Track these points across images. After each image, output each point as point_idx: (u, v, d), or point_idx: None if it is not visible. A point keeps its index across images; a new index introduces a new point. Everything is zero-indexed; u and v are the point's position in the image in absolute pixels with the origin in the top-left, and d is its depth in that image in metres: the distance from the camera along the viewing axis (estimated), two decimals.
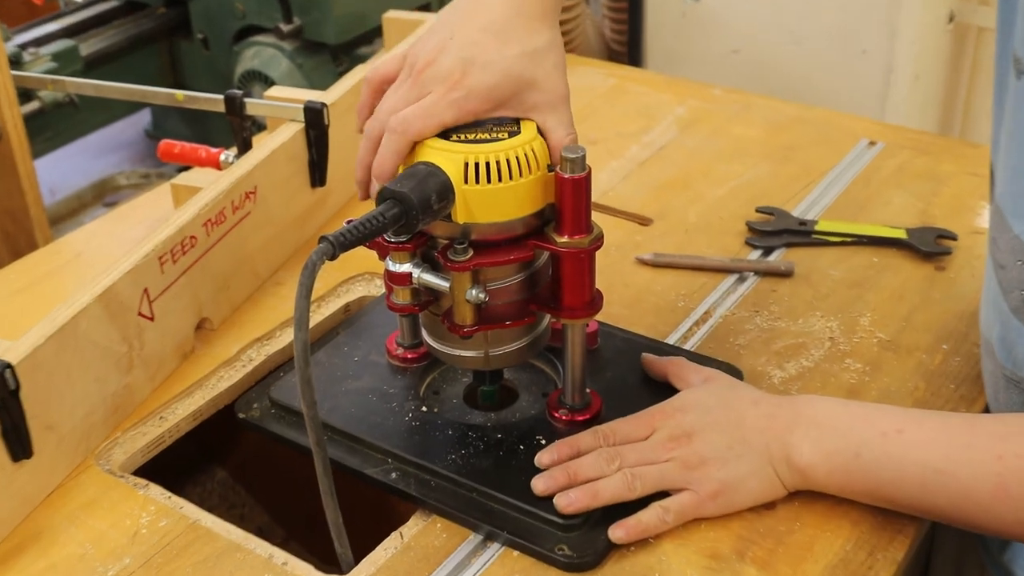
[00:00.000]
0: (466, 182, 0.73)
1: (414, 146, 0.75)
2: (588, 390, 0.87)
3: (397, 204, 0.71)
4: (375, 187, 0.75)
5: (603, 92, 1.45)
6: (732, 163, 1.28)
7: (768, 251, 1.11)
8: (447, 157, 0.73)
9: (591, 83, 1.48)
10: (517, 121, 0.76)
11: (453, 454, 0.84)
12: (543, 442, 0.84)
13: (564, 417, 0.86)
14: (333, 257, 0.68)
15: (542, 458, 0.81)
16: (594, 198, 1.18)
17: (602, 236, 0.77)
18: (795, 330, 0.99)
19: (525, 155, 0.74)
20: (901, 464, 0.74)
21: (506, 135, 0.75)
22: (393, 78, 0.78)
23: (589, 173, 0.75)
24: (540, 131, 0.76)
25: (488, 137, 0.74)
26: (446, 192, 0.72)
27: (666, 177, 1.25)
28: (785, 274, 1.07)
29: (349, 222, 0.70)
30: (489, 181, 0.73)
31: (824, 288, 1.05)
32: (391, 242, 0.77)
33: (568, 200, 0.75)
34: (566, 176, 0.74)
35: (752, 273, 1.07)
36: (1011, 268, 0.78)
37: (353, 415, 0.88)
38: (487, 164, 0.73)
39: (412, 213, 0.71)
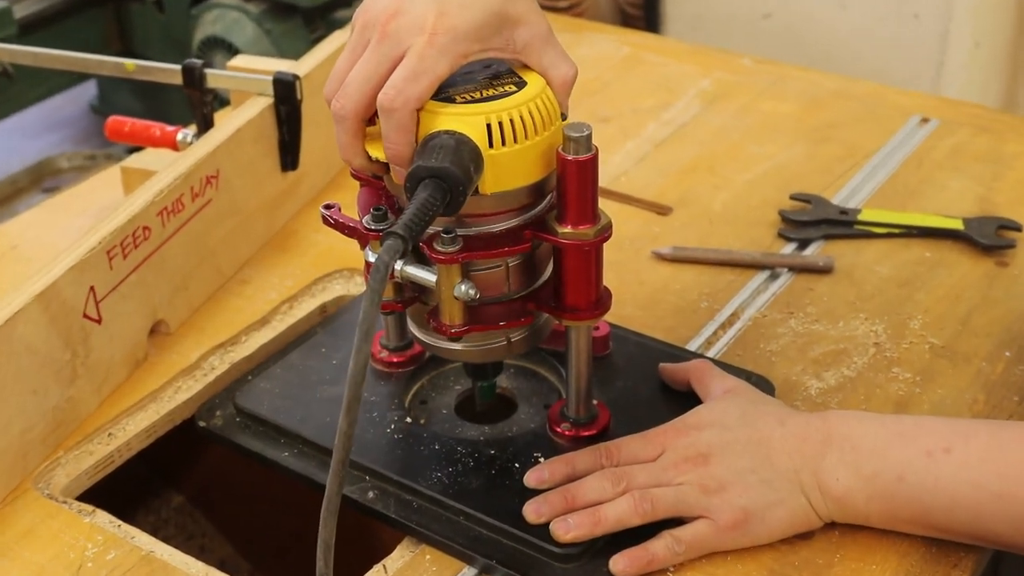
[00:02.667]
0: (491, 146, 0.74)
1: (418, 115, 0.75)
2: (595, 402, 0.87)
3: (440, 183, 0.71)
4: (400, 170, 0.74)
5: (616, 63, 1.46)
6: (763, 144, 1.28)
7: (804, 244, 1.12)
8: (466, 122, 0.74)
9: (602, 52, 1.48)
10: (510, 69, 0.78)
11: (439, 472, 0.85)
12: (542, 460, 0.85)
13: (567, 432, 0.87)
14: (405, 253, 0.68)
15: (530, 478, 0.82)
16: (606, 184, 1.21)
17: (610, 226, 0.78)
18: (835, 335, 1.00)
19: (544, 104, 0.76)
20: (952, 487, 0.75)
21: (513, 87, 0.76)
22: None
23: (596, 154, 0.76)
24: (539, 72, 0.77)
25: (496, 93, 0.75)
26: (480, 160, 0.73)
27: (688, 160, 1.26)
28: (824, 270, 1.08)
29: (402, 209, 0.68)
30: (516, 141, 0.74)
31: (868, 286, 1.06)
32: (371, 229, 0.78)
33: (572, 185, 0.76)
34: (569, 157, 0.75)
35: (786, 269, 1.08)
36: None
37: (328, 425, 0.89)
38: (511, 122, 0.74)
39: (460, 189, 0.71)
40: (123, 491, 0.98)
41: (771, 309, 1.04)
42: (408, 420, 0.90)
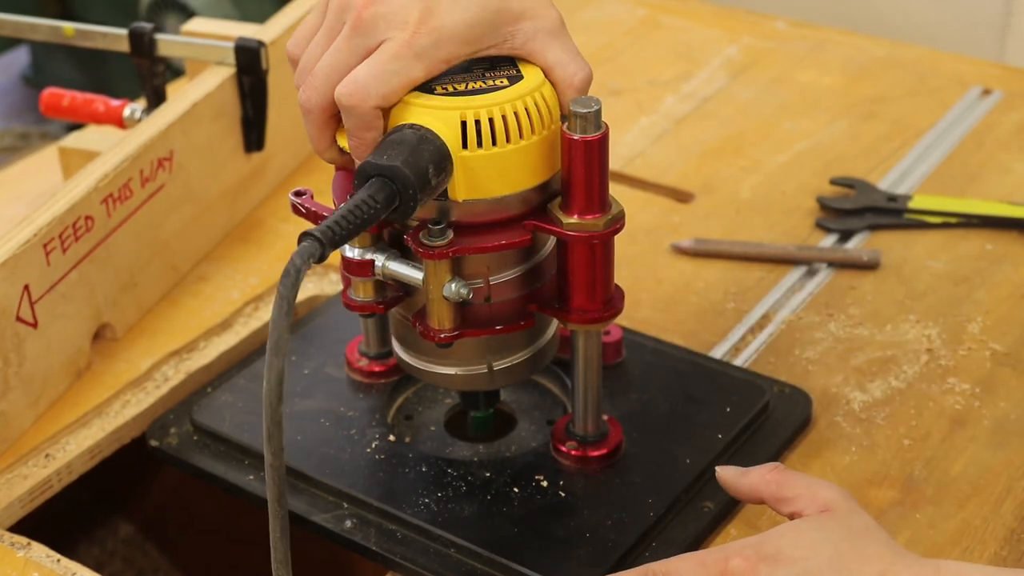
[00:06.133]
0: (465, 146, 0.74)
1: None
2: (605, 417, 0.88)
3: (388, 183, 0.72)
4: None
5: (629, 27, 1.47)
6: (800, 120, 1.29)
7: (846, 236, 1.12)
8: (437, 116, 0.74)
9: (613, 15, 1.49)
10: (512, 61, 0.78)
11: (427, 498, 0.85)
12: (544, 484, 0.86)
13: (573, 451, 0.88)
14: (321, 259, 0.69)
15: None
16: (617, 167, 1.21)
17: (623, 216, 0.79)
18: (882, 340, 1.01)
19: (535, 104, 0.76)
20: None
21: (506, 81, 0.76)
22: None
23: (606, 133, 0.76)
24: (544, 71, 0.78)
25: (484, 86, 0.76)
26: (444, 162, 0.74)
27: (712, 139, 1.27)
28: (868, 266, 1.08)
29: (339, 207, 0.70)
30: (495, 143, 0.75)
31: (920, 284, 1.07)
32: None
33: (578, 168, 0.76)
34: (575, 137, 0.76)
35: (825, 265, 1.09)
36: None
37: (299, 444, 0.90)
38: (491, 121, 0.74)
39: (409, 193, 0.72)
40: (63, 520, 0.98)
41: (808, 310, 1.04)
42: (391, 438, 0.91)
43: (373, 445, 0.90)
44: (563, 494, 0.86)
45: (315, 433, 0.91)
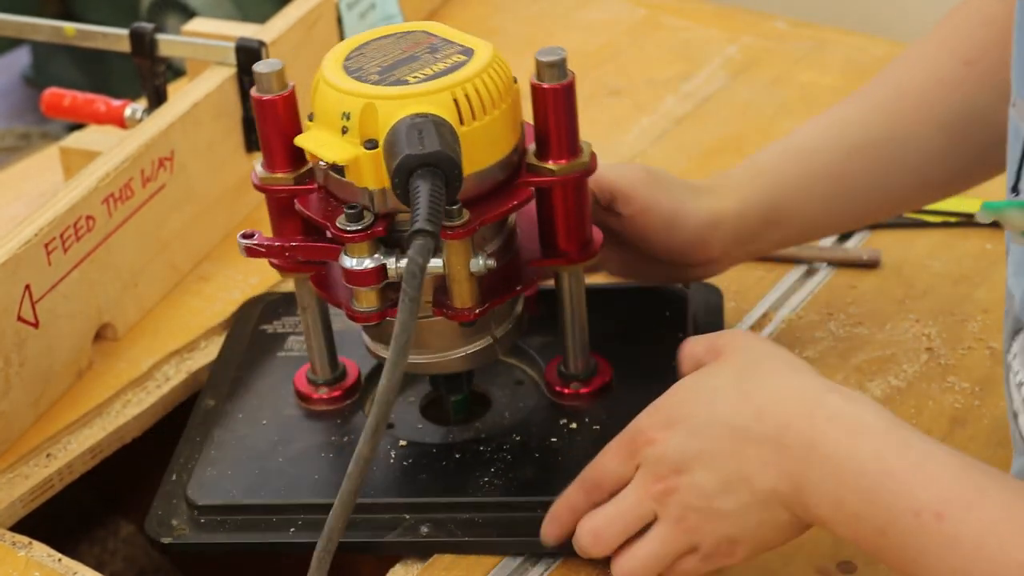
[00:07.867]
0: (462, 123, 0.77)
1: (372, 106, 0.76)
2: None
3: (435, 170, 0.73)
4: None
5: (629, 26, 1.46)
6: (800, 120, 1.28)
7: (846, 235, 1.12)
8: (432, 100, 0.76)
9: (613, 15, 1.49)
10: (446, 40, 0.81)
11: (485, 477, 0.86)
12: (573, 426, 0.88)
13: (568, 391, 0.90)
14: (435, 251, 0.70)
15: (548, 536, 0.82)
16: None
17: (595, 156, 0.82)
18: (881, 339, 1.01)
19: (498, 71, 0.79)
20: (941, 555, 0.69)
21: (462, 56, 0.79)
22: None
23: (573, 79, 0.80)
24: None
25: (449, 64, 0.79)
26: (457, 140, 0.76)
27: (712, 139, 1.26)
28: (868, 265, 1.08)
29: (416, 199, 0.71)
30: (485, 112, 0.78)
31: (920, 283, 1.07)
32: (347, 231, 0.79)
33: (553, 115, 0.80)
34: (546, 86, 0.79)
35: (824, 264, 1.09)
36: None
37: (312, 481, 0.87)
38: (477, 93, 0.77)
39: (455, 173, 0.74)
40: (64, 520, 0.98)
41: (807, 310, 1.04)
42: (403, 443, 0.89)
43: (393, 453, 0.89)
44: (596, 427, 0.88)
45: (320, 465, 0.88)
